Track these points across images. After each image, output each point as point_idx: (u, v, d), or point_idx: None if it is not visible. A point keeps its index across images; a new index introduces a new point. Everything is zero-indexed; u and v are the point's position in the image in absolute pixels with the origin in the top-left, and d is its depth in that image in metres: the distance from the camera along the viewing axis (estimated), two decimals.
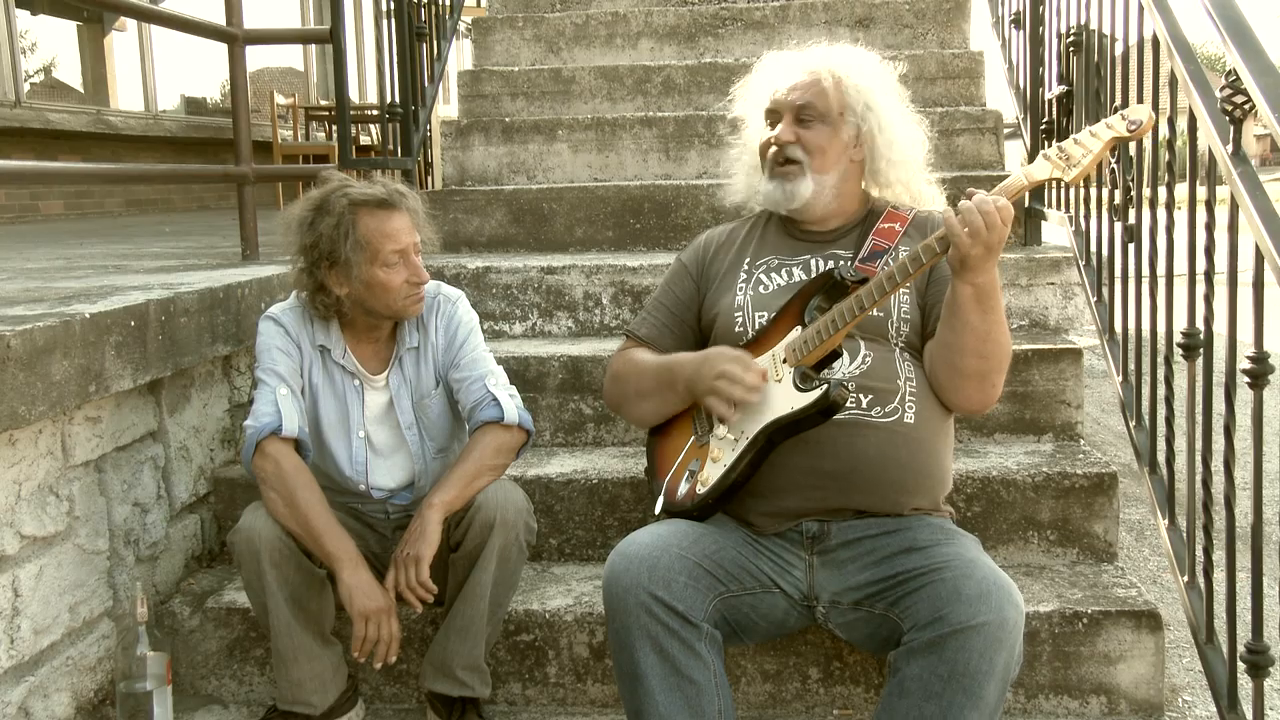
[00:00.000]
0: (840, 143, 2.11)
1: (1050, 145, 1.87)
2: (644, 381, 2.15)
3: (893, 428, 1.97)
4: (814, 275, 2.07)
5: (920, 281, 2.07)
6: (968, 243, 1.80)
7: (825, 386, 1.88)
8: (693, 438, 2.09)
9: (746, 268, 2.17)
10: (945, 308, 1.94)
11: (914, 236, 2.07)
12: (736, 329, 2.10)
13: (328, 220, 2.16)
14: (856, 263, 2.04)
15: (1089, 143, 1.83)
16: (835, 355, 1.97)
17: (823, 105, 2.10)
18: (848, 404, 1.95)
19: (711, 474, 2.00)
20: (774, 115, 2.15)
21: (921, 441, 1.99)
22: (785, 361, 1.97)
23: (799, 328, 1.98)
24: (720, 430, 2.00)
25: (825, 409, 1.89)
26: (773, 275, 2.14)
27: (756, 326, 2.08)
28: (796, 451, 1.96)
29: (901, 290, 2.04)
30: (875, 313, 2.01)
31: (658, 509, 2.10)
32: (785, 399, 1.93)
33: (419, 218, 2.25)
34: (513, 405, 2.25)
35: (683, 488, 2.05)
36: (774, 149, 2.13)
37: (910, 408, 1.99)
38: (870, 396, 1.98)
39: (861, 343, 2.03)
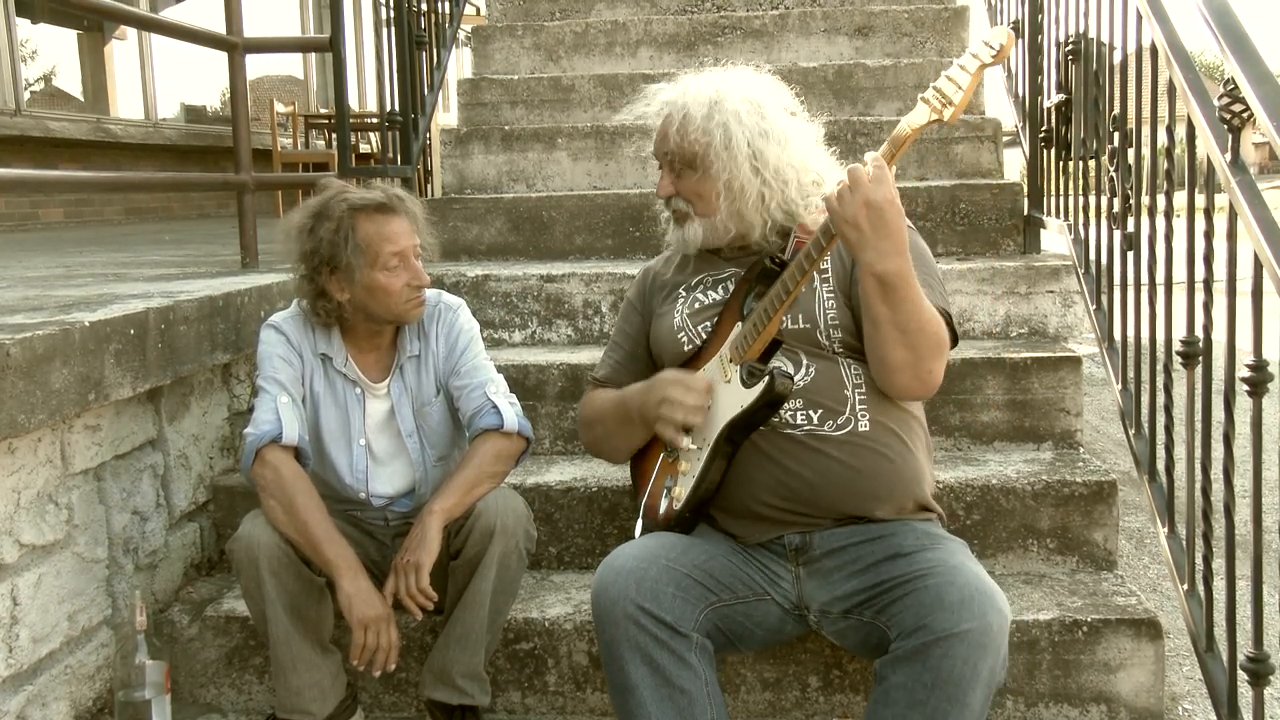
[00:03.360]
0: (713, 183, 2.03)
1: (929, 89, 1.78)
2: (607, 422, 2.16)
3: (849, 439, 1.96)
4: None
5: (843, 279, 2.04)
6: (838, 209, 1.75)
7: (768, 378, 1.89)
8: (663, 454, 2.10)
9: (683, 290, 2.16)
10: (861, 302, 1.92)
11: None
12: (686, 348, 2.10)
13: (327, 225, 2.17)
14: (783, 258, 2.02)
15: (959, 77, 1.75)
16: (778, 344, 1.97)
17: (681, 153, 2.03)
18: (800, 421, 1.96)
19: (684, 488, 2.01)
20: (659, 161, 2.12)
21: (883, 446, 1.97)
22: (731, 360, 1.98)
23: (740, 324, 1.99)
24: (685, 442, 2.01)
25: (772, 401, 1.90)
26: (708, 292, 2.13)
27: (702, 340, 2.08)
28: (764, 470, 1.97)
29: (826, 294, 2.02)
30: (802, 324, 2.00)
31: (638, 532, 2.10)
32: (735, 398, 1.94)
33: (418, 222, 2.26)
34: (512, 412, 2.25)
35: (662, 505, 2.06)
36: (661, 200, 2.13)
37: (863, 415, 1.98)
38: (820, 411, 1.97)
39: (803, 356, 2.01)
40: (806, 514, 1.98)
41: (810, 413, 1.97)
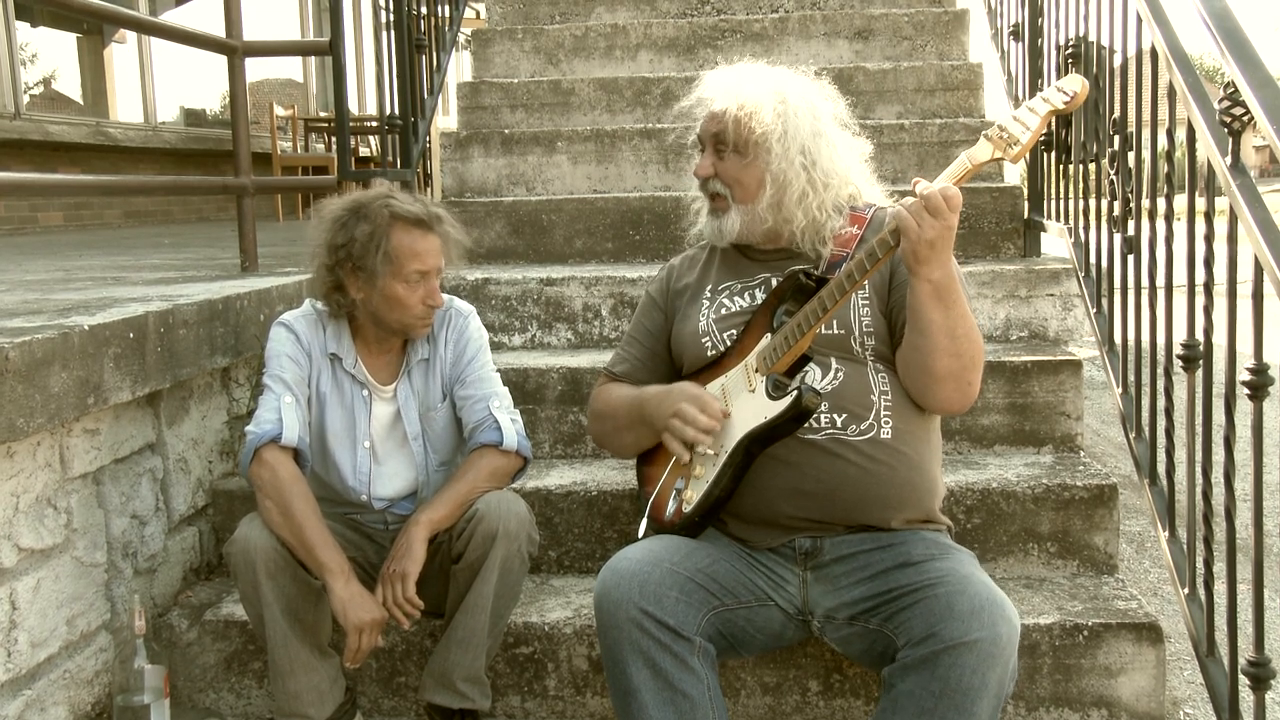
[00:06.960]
0: (756, 173, 2.05)
1: (993, 127, 1.85)
2: (619, 418, 2.17)
3: (871, 445, 1.96)
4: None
5: (882, 288, 2.05)
6: (916, 230, 1.79)
7: (796, 393, 1.88)
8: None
9: (709, 294, 2.16)
10: (909, 310, 1.92)
11: (872, 238, 2.03)
12: (709, 353, 2.10)
13: (363, 226, 2.18)
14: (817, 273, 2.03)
15: (1028, 119, 1.80)
16: (806, 359, 1.96)
17: (733, 136, 2.04)
18: (824, 424, 1.95)
19: (695, 492, 2.00)
20: (701, 143, 2.12)
21: (903, 455, 1.98)
22: (757, 370, 1.97)
23: (769, 335, 1.98)
24: (701, 446, 2.00)
25: (798, 415, 1.89)
26: (735, 299, 2.13)
27: (726, 346, 2.08)
28: (779, 474, 1.96)
29: (861, 301, 2.03)
30: (836, 330, 2.00)
31: (641, 531, 2.09)
32: (759, 409, 1.93)
33: (450, 242, 2.26)
34: (513, 430, 2.25)
35: (670, 507, 2.05)
36: (699, 181, 2.13)
37: (887, 423, 1.98)
38: (845, 415, 1.97)
39: (832, 360, 2.01)
40: (820, 520, 1.97)
41: (835, 416, 1.97)
